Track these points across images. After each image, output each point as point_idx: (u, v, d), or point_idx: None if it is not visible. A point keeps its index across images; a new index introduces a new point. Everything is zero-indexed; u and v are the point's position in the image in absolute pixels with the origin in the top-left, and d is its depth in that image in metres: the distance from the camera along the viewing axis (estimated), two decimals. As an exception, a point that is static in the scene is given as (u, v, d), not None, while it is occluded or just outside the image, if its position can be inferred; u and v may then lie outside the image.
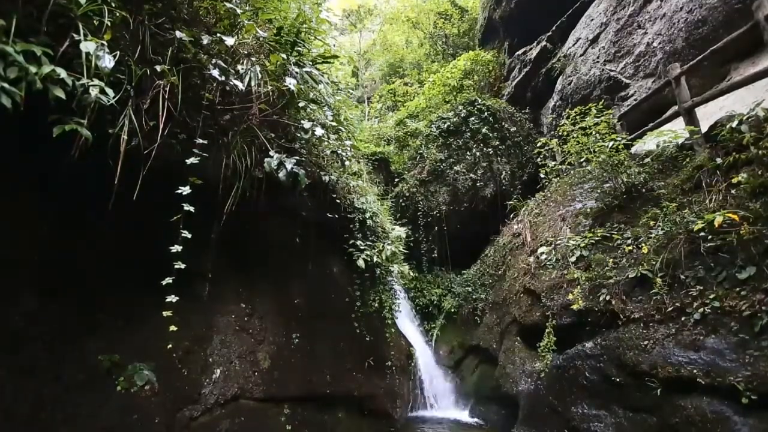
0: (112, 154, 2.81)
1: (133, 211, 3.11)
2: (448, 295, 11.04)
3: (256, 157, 3.94)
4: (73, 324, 3.04)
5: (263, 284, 4.83)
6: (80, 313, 3.10)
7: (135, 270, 3.32)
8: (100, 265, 3.28)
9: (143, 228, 3.36)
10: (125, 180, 2.82)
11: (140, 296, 3.22)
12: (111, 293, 3.32)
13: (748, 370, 3.72)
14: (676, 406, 4.19)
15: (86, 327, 3.13)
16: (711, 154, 5.06)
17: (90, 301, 3.19)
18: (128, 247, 3.41)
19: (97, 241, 3.26)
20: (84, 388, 3.00)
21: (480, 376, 8.75)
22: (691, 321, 4.32)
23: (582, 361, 5.28)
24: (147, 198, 2.99)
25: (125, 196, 2.84)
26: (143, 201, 2.97)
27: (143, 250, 3.32)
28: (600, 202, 6.80)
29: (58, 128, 2.39)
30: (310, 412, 5.04)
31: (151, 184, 3.00)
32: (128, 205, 2.89)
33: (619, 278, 5.24)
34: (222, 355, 4.12)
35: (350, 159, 5.88)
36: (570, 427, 5.21)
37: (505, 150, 12.43)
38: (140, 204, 2.96)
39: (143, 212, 3.20)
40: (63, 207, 3.08)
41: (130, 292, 3.36)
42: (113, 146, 2.80)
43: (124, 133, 2.81)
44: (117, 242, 3.37)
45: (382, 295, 6.83)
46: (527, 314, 7.05)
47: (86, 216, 3.15)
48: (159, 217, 3.09)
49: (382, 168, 12.38)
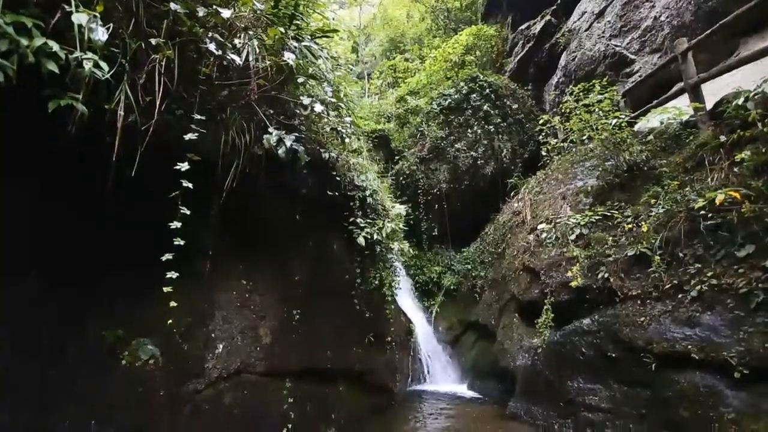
0: (110, 130, 2.77)
1: (132, 188, 3.09)
2: (448, 272, 11.14)
3: (255, 133, 3.90)
4: (76, 303, 3.07)
5: (264, 261, 4.86)
6: (83, 292, 3.13)
7: (136, 248, 3.33)
8: (100, 243, 3.28)
9: (143, 206, 3.35)
10: (124, 157, 2.80)
11: (142, 274, 3.23)
12: (112, 271, 3.34)
13: (741, 346, 3.78)
14: (669, 381, 4.28)
15: (89, 306, 3.16)
16: (715, 132, 5.00)
17: (92, 279, 3.21)
18: (128, 225, 3.41)
19: (97, 220, 3.26)
20: (89, 364, 3.05)
21: (478, 352, 8.92)
22: (688, 298, 4.36)
23: (579, 337, 5.37)
24: (146, 175, 2.97)
25: (125, 173, 2.82)
26: (143, 178, 2.94)
27: (143, 228, 3.32)
28: (601, 180, 6.77)
29: (53, 103, 2.35)
30: (311, 386, 5.15)
31: (150, 161, 2.97)
32: (128, 183, 2.87)
33: (618, 256, 5.27)
34: (224, 331, 4.18)
35: (350, 136, 5.81)
36: (565, 400, 5.34)
37: (506, 127, 12.30)
38: (140, 181, 2.94)
39: (143, 190, 3.19)
40: (62, 186, 3.06)
41: (132, 270, 3.38)
42: (110, 122, 2.76)
43: (120, 108, 2.77)
44: (117, 220, 3.37)
45: (382, 272, 6.88)
46: (526, 291, 7.13)
47: (86, 195, 3.14)
48: (159, 195, 3.07)
49: (383, 145, 12.29)
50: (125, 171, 2.83)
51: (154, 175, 3.04)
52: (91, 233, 3.22)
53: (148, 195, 3.22)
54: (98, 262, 3.25)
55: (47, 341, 2.83)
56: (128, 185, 2.92)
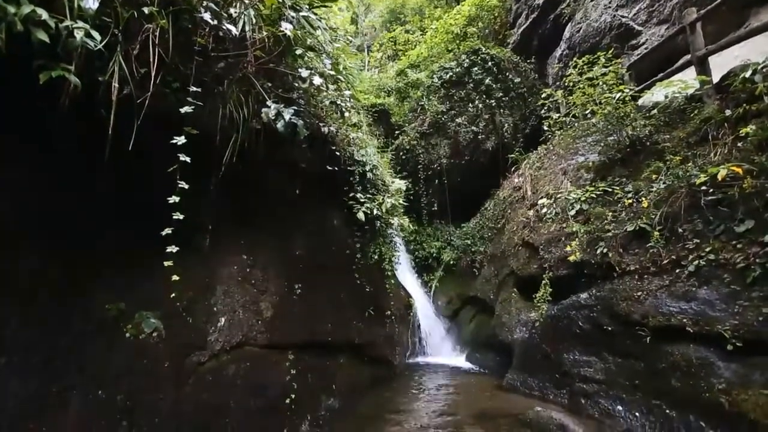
0: (104, 103, 2.72)
1: (130, 163, 3.06)
2: (448, 247, 11.20)
3: (253, 107, 3.84)
4: (79, 277, 3.09)
5: (264, 236, 4.87)
6: (85, 267, 3.14)
7: (136, 223, 3.33)
8: (100, 219, 3.28)
9: (142, 181, 3.33)
10: (121, 132, 2.76)
11: (143, 249, 3.24)
12: (114, 247, 3.35)
13: (736, 319, 3.85)
14: (663, 353, 4.37)
15: (92, 280, 3.18)
16: (720, 106, 4.93)
17: (93, 254, 3.22)
18: (128, 200, 3.40)
19: (96, 195, 3.24)
20: (94, 336, 3.10)
21: (477, 325, 9.07)
22: (685, 273, 4.40)
23: (576, 311, 5.45)
24: (144, 150, 2.94)
25: (123, 148, 2.79)
26: (141, 153, 2.92)
27: (143, 203, 3.31)
28: (603, 156, 6.72)
29: (45, 74, 2.30)
30: (312, 358, 5.26)
31: (148, 136, 2.93)
32: (125, 158, 2.84)
33: (617, 231, 5.28)
34: (226, 305, 4.24)
35: (350, 110, 5.72)
36: (561, 372, 5.47)
37: (508, 102, 12.10)
38: (138, 156, 2.91)
39: (141, 165, 3.17)
40: (59, 161, 3.03)
41: (133, 245, 3.39)
42: (104, 95, 2.71)
43: (114, 80, 2.71)
44: (117, 196, 3.35)
45: (382, 247, 6.92)
46: (525, 266, 7.19)
47: (83, 170, 3.11)
48: (158, 170, 3.05)
49: (383, 120, 12.12)
50: (123, 145, 2.80)
51: (152, 150, 3.01)
52: (90, 208, 3.21)
53: (147, 170, 3.19)
54: (98, 236, 3.26)
55: (51, 313, 2.87)
56: (127, 160, 2.89)
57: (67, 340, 2.95)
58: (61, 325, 2.93)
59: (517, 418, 4.79)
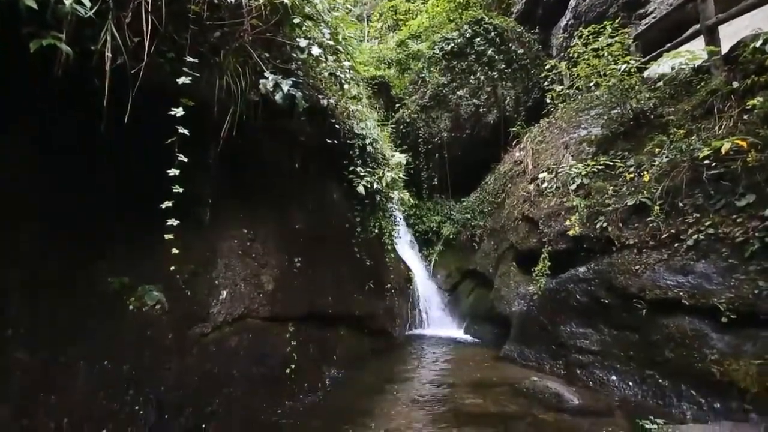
0: (98, 74, 2.66)
1: (129, 137, 3.02)
2: (447, 221, 11.23)
3: (250, 78, 3.75)
4: (80, 251, 3.10)
5: (264, 210, 4.86)
6: (86, 240, 3.15)
7: (136, 197, 3.31)
8: (100, 193, 3.26)
9: (142, 154, 3.29)
10: (117, 103, 2.71)
11: (143, 223, 3.23)
12: (114, 220, 3.34)
13: (731, 292, 3.90)
14: (658, 325, 4.45)
15: (93, 254, 3.19)
16: (728, 78, 4.82)
17: (93, 227, 3.21)
18: (127, 174, 3.37)
19: (95, 169, 3.21)
20: (98, 308, 3.13)
21: (475, 299, 9.19)
22: (684, 247, 4.43)
23: (574, 284, 5.51)
24: (142, 123, 2.90)
25: (119, 120, 2.75)
26: (138, 126, 2.87)
27: (142, 176, 3.28)
28: (605, 129, 6.64)
29: (35, 43, 2.23)
30: (313, 330, 5.36)
31: (145, 108, 2.88)
32: (123, 131, 2.81)
33: (617, 206, 5.28)
34: (227, 278, 4.27)
35: (349, 82, 5.60)
36: (558, 343, 5.58)
37: (510, 74, 11.85)
38: (136, 130, 2.87)
39: (139, 138, 3.12)
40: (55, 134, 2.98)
41: (134, 219, 3.38)
42: (98, 65, 2.64)
43: (107, 50, 2.63)
44: (116, 170, 3.32)
45: (382, 221, 6.93)
46: (524, 240, 7.22)
47: (81, 143, 3.07)
48: (156, 143, 3.01)
49: (383, 92, 11.92)
50: (120, 118, 2.75)
51: (150, 122, 2.96)
52: (89, 181, 3.19)
53: (145, 143, 3.15)
54: (98, 209, 3.25)
55: (54, 286, 2.89)
56: (125, 133, 2.86)
57: (71, 313, 2.98)
58: (64, 298, 2.96)
59: (513, 388, 4.93)
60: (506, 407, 4.44)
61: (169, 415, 3.36)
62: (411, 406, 4.59)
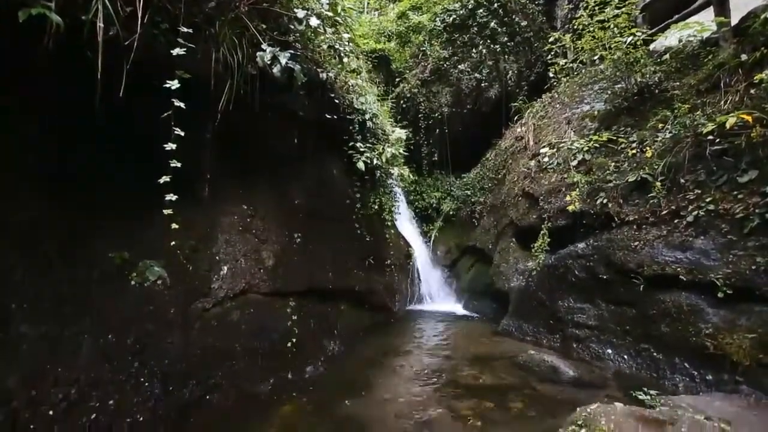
0: (91, 45, 2.59)
1: (125, 111, 2.98)
2: (448, 198, 11.22)
3: (247, 50, 3.66)
4: (80, 227, 3.09)
5: (263, 186, 4.84)
6: (85, 217, 3.14)
7: (135, 173, 3.28)
8: (99, 169, 3.24)
9: (141, 130, 3.24)
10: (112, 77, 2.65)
11: (143, 198, 3.22)
12: (114, 196, 3.32)
13: (729, 268, 3.93)
14: (655, 300, 4.50)
15: (93, 229, 3.19)
16: (736, 50, 4.71)
17: (93, 204, 3.20)
18: (126, 149, 3.34)
19: (93, 144, 3.17)
20: (100, 283, 3.16)
21: (475, 274, 9.28)
22: (684, 223, 4.43)
23: (573, 260, 5.54)
24: (139, 97, 2.85)
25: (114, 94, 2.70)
26: (135, 101, 2.83)
27: (141, 152, 3.25)
28: (609, 104, 6.54)
29: (24, 12, 2.16)
30: (314, 305, 5.43)
31: (140, 82, 2.82)
32: (120, 106, 2.76)
33: (618, 182, 5.26)
34: (228, 254, 4.29)
35: (349, 55, 5.47)
36: (555, 318, 5.66)
37: (513, 47, 11.58)
38: (133, 104, 2.83)
39: (137, 113, 3.08)
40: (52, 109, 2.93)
41: (133, 194, 3.36)
42: (90, 37, 2.58)
43: (99, 20, 2.55)
44: (115, 145, 3.28)
45: (382, 197, 6.92)
46: (524, 217, 7.23)
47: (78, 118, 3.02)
48: (154, 117, 2.97)
49: (383, 66, 11.68)
50: (115, 92, 2.70)
51: (147, 97, 2.91)
52: (87, 157, 3.16)
53: (143, 117, 3.10)
54: (98, 186, 3.23)
55: (55, 261, 2.91)
56: (122, 108, 2.81)
57: (74, 287, 3.01)
58: (65, 273, 2.97)
59: (511, 361, 5.03)
60: (504, 379, 4.54)
61: (173, 387, 3.44)
62: (410, 378, 4.69)
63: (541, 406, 3.85)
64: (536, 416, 3.65)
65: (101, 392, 2.96)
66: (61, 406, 2.71)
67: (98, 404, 2.91)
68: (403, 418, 3.68)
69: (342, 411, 3.86)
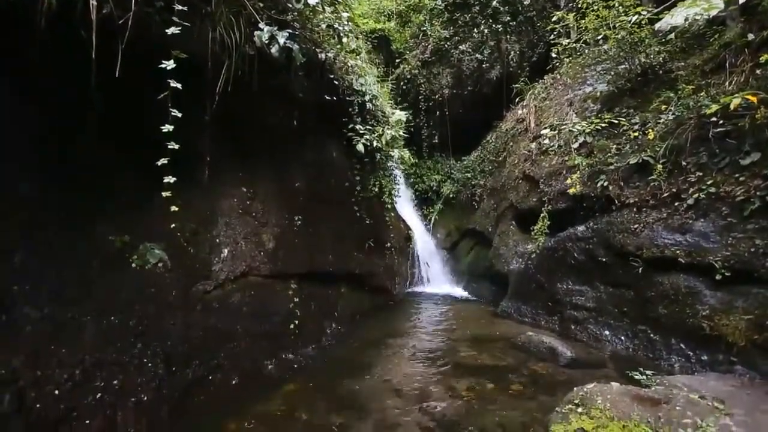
0: (84, 25, 2.54)
1: (124, 94, 2.95)
2: (448, 180, 11.19)
3: (245, 30, 3.59)
4: (80, 210, 3.09)
5: (263, 169, 4.82)
6: (85, 199, 3.13)
7: (134, 155, 3.26)
8: (98, 151, 3.21)
9: (140, 112, 3.20)
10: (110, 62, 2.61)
11: (142, 181, 3.21)
12: (113, 179, 3.31)
13: (728, 251, 3.94)
14: (653, 282, 4.53)
15: (93, 212, 3.19)
16: (743, 29, 4.62)
17: (93, 187, 3.19)
18: (125, 132, 3.30)
19: (91, 126, 3.14)
20: (101, 265, 3.17)
21: (474, 257, 9.32)
22: (684, 206, 4.43)
23: (572, 243, 5.55)
24: (136, 79, 2.81)
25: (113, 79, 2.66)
26: (133, 83, 2.79)
27: (140, 135, 3.21)
28: (612, 86, 6.45)
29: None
30: (314, 287, 5.46)
31: (137, 63, 2.78)
32: (117, 89, 2.73)
33: (619, 164, 5.23)
34: (228, 237, 4.30)
35: (348, 35, 5.37)
36: (554, 300, 5.71)
37: (515, 27, 11.35)
38: (131, 86, 2.81)
39: (135, 95, 3.05)
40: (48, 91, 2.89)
41: (133, 177, 3.35)
42: (83, 15, 2.52)
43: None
44: (114, 128, 3.25)
45: (382, 180, 6.89)
46: (524, 199, 7.22)
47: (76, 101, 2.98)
48: (152, 100, 2.93)
49: (382, 47, 11.49)
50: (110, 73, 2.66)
51: (144, 78, 2.87)
52: (84, 140, 3.13)
53: (140, 99, 3.07)
54: (97, 169, 3.22)
55: (55, 244, 2.91)
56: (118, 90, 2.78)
57: (75, 270, 3.02)
58: (66, 255, 2.98)
59: (509, 342, 5.09)
60: (502, 360, 4.61)
61: (176, 367, 3.49)
62: (410, 358, 4.76)
63: (539, 385, 3.92)
64: (534, 396, 3.71)
65: (106, 373, 3.00)
66: (66, 385, 2.75)
67: (103, 384, 2.96)
68: (402, 397, 3.74)
69: (343, 390, 3.93)
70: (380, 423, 3.29)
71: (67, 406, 2.73)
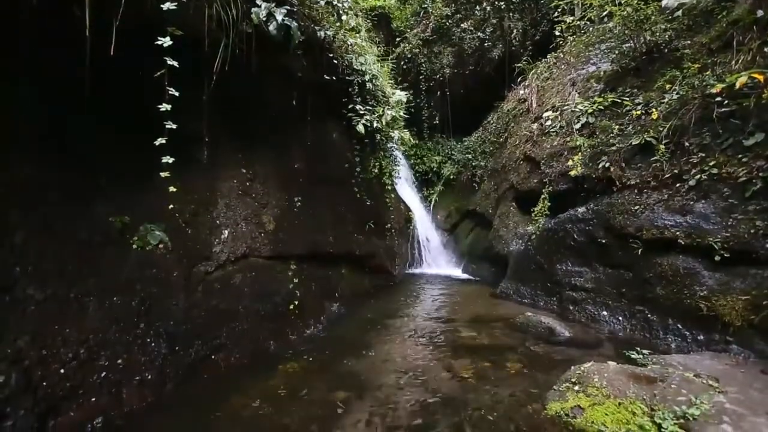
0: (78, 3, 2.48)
1: (121, 73, 2.92)
2: (448, 162, 11.14)
3: (242, 6, 3.51)
4: (79, 190, 3.08)
5: (262, 149, 4.78)
6: (84, 179, 3.12)
7: (133, 136, 3.22)
8: (97, 132, 3.18)
9: (140, 92, 3.15)
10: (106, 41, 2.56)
11: (142, 162, 3.19)
12: (113, 159, 3.29)
13: (728, 232, 3.95)
14: (652, 263, 4.55)
15: (93, 192, 3.18)
16: (753, 6, 4.51)
17: (92, 167, 3.18)
18: (123, 112, 3.26)
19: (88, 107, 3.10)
20: (102, 246, 3.18)
21: (474, 239, 9.35)
22: (685, 187, 4.41)
23: (572, 224, 5.56)
24: (133, 59, 2.77)
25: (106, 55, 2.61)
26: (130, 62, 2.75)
27: (138, 114, 3.17)
28: (615, 65, 6.35)
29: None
30: (315, 268, 5.50)
31: (133, 42, 2.72)
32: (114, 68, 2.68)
33: (621, 145, 5.19)
34: (228, 218, 4.30)
35: (347, 12, 5.26)
36: (553, 281, 5.75)
37: (518, 4, 11.10)
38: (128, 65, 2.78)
39: (132, 75, 3.00)
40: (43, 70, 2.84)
41: (132, 158, 3.33)
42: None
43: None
44: (112, 108, 3.21)
45: (382, 161, 6.86)
46: (525, 181, 7.19)
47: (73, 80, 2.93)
48: (150, 79, 2.88)
49: (382, 25, 11.27)
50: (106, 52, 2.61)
51: (141, 58, 2.82)
52: (83, 120, 3.10)
53: (137, 79, 3.02)
54: (96, 150, 3.19)
55: (55, 224, 2.91)
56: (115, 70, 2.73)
57: (76, 250, 3.03)
58: (67, 235, 2.99)
59: (508, 322, 5.15)
60: (501, 340, 4.67)
61: (179, 347, 3.54)
62: (410, 339, 4.82)
63: (537, 365, 3.98)
64: (532, 374, 3.77)
65: (110, 352, 3.04)
66: (71, 364, 2.80)
67: (107, 363, 3.01)
68: (401, 376, 3.81)
69: (343, 369, 3.99)
70: (380, 400, 3.35)
71: (72, 384, 2.78)
